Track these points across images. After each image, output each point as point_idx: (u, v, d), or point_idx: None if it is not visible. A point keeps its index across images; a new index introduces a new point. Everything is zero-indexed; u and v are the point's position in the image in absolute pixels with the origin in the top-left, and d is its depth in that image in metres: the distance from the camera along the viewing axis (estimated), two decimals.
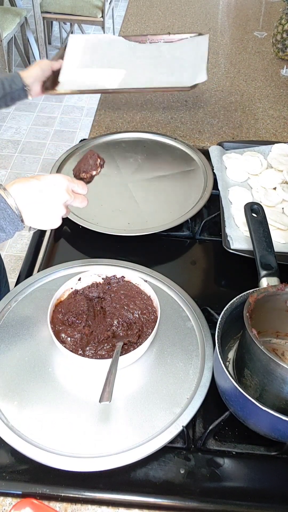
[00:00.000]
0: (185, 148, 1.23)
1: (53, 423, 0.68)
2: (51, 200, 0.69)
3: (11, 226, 0.67)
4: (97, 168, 0.86)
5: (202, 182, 1.11)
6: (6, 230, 0.66)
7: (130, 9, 2.09)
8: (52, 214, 0.70)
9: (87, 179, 0.86)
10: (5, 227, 0.66)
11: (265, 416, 0.61)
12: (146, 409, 0.70)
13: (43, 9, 3.30)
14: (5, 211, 0.65)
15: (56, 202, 0.70)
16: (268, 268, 0.78)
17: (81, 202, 0.75)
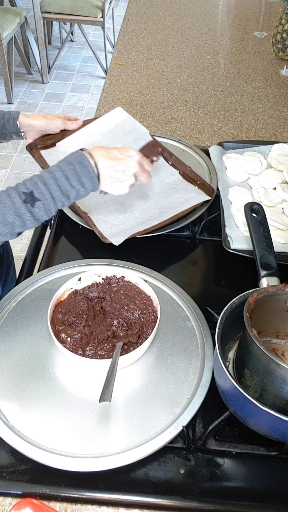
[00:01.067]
0: (188, 149, 1.23)
1: (53, 423, 0.68)
2: (125, 168, 0.80)
3: (90, 184, 0.78)
4: (157, 155, 0.99)
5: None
6: (85, 186, 0.77)
7: (130, 9, 2.09)
8: (123, 180, 0.81)
9: None
10: (85, 183, 0.77)
11: (265, 416, 0.61)
12: (146, 409, 0.70)
13: (43, 9, 3.30)
14: (87, 169, 0.77)
15: (129, 171, 0.81)
16: (268, 268, 0.78)
17: (146, 178, 0.85)
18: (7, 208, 0.71)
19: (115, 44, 1.90)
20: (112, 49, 3.88)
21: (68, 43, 4.16)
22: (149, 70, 1.66)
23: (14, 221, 0.72)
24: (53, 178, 0.74)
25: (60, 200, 0.75)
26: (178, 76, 1.63)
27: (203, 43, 1.84)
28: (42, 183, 0.74)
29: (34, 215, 0.74)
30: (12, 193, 0.72)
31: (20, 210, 0.72)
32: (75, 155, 0.78)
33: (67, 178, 0.75)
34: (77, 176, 0.76)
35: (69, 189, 0.75)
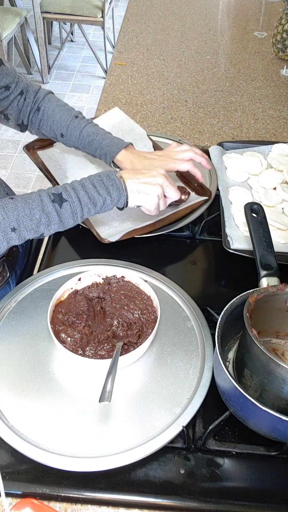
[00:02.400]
0: None
1: (53, 423, 0.68)
2: (150, 180, 0.84)
3: (117, 194, 0.81)
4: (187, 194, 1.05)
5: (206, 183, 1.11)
6: (112, 195, 0.80)
7: (130, 9, 2.09)
8: (150, 192, 0.83)
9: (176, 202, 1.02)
10: (112, 193, 0.80)
11: (265, 416, 0.61)
12: (146, 409, 0.70)
13: (43, 9, 3.30)
14: (114, 181, 0.81)
15: (154, 182, 0.84)
16: (268, 268, 0.78)
17: (174, 192, 0.87)
18: (36, 204, 0.74)
19: (115, 44, 1.90)
20: (112, 49, 3.88)
21: (68, 43, 4.16)
22: (149, 70, 1.66)
23: (41, 218, 0.74)
24: (81, 185, 0.79)
25: (87, 206, 0.78)
26: (178, 76, 1.63)
27: (203, 43, 1.84)
28: (71, 188, 0.78)
29: (60, 216, 0.76)
30: (42, 192, 0.76)
31: (47, 208, 0.75)
32: (105, 172, 0.82)
33: (94, 186, 0.79)
34: (104, 185, 0.80)
35: (96, 196, 0.79)
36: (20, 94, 0.96)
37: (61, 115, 0.98)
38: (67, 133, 0.98)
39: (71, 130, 0.97)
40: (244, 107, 1.49)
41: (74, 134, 0.97)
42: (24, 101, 0.97)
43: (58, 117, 0.97)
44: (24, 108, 0.98)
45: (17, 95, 0.96)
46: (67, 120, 0.97)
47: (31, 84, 0.99)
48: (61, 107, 0.99)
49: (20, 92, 0.96)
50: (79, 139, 0.97)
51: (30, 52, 3.65)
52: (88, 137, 0.96)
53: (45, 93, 0.99)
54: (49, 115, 0.98)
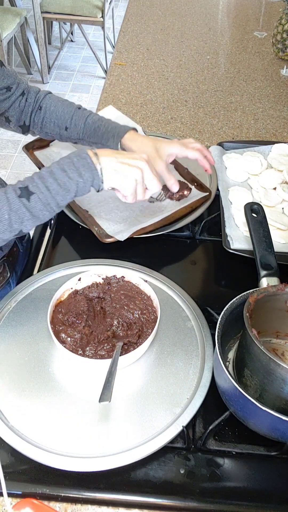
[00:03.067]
0: None
1: (53, 423, 0.68)
2: (130, 161, 0.77)
3: (89, 174, 0.75)
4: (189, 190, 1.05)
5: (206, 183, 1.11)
6: (84, 176, 0.74)
7: (130, 9, 2.09)
8: (128, 175, 0.77)
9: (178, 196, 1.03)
10: (84, 174, 0.74)
11: (265, 416, 0.61)
12: (146, 409, 0.70)
13: (43, 9, 3.30)
14: (85, 160, 0.75)
15: (135, 165, 0.77)
16: (268, 268, 0.78)
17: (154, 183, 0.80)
18: (2, 203, 0.70)
19: (115, 44, 1.90)
20: (112, 49, 3.88)
21: (68, 43, 4.16)
22: (149, 70, 1.66)
23: (10, 217, 0.70)
24: (49, 172, 0.74)
25: (59, 194, 0.73)
26: (178, 76, 1.63)
27: (203, 43, 1.84)
28: (38, 177, 0.73)
29: (31, 210, 0.72)
30: (8, 189, 0.72)
31: (15, 206, 0.70)
32: (76, 151, 0.77)
33: (63, 170, 0.73)
34: (74, 167, 0.74)
35: (66, 181, 0.73)
36: (22, 95, 0.96)
37: (63, 109, 0.97)
38: (71, 125, 0.97)
39: (75, 120, 0.96)
40: (244, 107, 1.49)
41: (79, 124, 0.96)
42: (25, 101, 0.97)
43: (60, 111, 0.97)
44: (26, 109, 0.97)
45: (19, 96, 0.96)
46: (70, 112, 0.97)
47: (31, 86, 0.99)
48: (62, 102, 0.98)
49: (21, 93, 0.96)
50: (85, 128, 0.96)
51: (30, 52, 3.64)
52: (93, 124, 0.95)
53: (46, 92, 0.99)
54: (52, 111, 0.97)
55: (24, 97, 0.96)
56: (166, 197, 1.05)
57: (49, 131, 1.00)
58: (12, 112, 0.97)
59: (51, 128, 0.99)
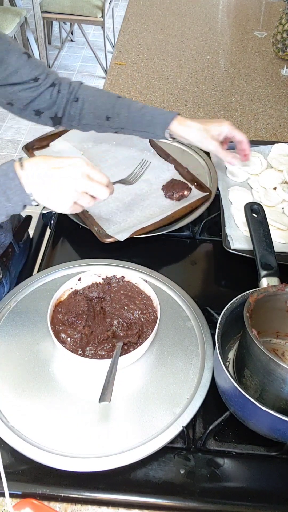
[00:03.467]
0: (188, 149, 1.22)
1: (53, 423, 0.68)
2: (62, 179, 0.67)
3: (18, 197, 0.67)
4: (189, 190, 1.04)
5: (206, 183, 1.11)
6: (12, 200, 0.67)
7: (130, 9, 2.09)
8: (61, 195, 0.68)
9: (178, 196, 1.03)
10: (12, 197, 0.67)
11: (265, 416, 0.61)
12: (146, 409, 0.70)
13: (43, 9, 3.30)
14: (14, 181, 0.66)
15: (68, 183, 0.67)
16: (268, 268, 0.78)
17: (100, 191, 0.69)
18: None
19: (115, 44, 1.90)
20: (112, 49, 3.88)
21: (68, 43, 4.16)
22: (149, 70, 1.65)
23: None
24: None
25: None
26: (178, 76, 1.63)
27: (203, 43, 1.84)
28: None
29: None
30: None
31: None
32: (4, 166, 0.68)
33: None
34: (1, 190, 0.66)
35: None
36: (52, 86, 0.93)
37: (103, 99, 0.94)
38: (113, 114, 0.94)
39: (118, 109, 0.94)
40: (244, 107, 1.49)
41: (122, 113, 0.94)
42: (58, 93, 0.94)
43: (100, 101, 0.94)
44: (59, 100, 0.94)
45: (48, 87, 0.92)
46: (111, 102, 0.94)
47: (62, 77, 0.96)
48: (100, 91, 0.96)
49: (51, 84, 0.92)
50: (129, 116, 0.94)
51: (30, 52, 3.64)
52: (138, 112, 0.93)
53: (79, 83, 0.96)
54: (91, 102, 0.94)
55: (55, 88, 0.93)
56: (166, 196, 1.05)
57: (88, 122, 0.97)
58: (43, 104, 0.94)
59: (90, 119, 0.96)
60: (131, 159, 1.16)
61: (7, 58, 0.86)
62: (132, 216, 1.01)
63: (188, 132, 0.91)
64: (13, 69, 0.87)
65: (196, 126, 0.91)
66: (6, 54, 0.86)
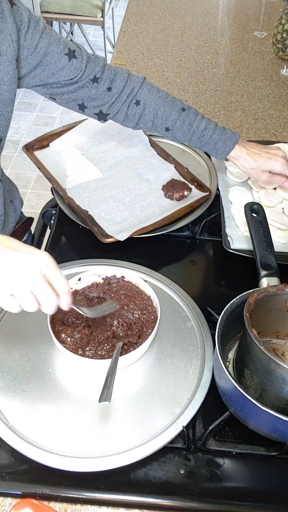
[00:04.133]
0: (188, 149, 1.22)
1: (53, 423, 0.68)
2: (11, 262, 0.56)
3: None
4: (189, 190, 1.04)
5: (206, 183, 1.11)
6: None
7: (130, 9, 2.09)
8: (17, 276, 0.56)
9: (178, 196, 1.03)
10: None
11: (265, 416, 0.61)
12: (146, 409, 0.70)
13: (43, 9, 3.30)
14: None
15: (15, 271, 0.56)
16: (268, 268, 0.78)
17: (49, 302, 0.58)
18: None
19: (115, 44, 1.90)
20: (112, 49, 3.87)
21: None
22: (149, 70, 1.65)
23: None
24: None
25: None
26: (178, 76, 1.63)
27: (203, 43, 1.84)
28: None
29: None
30: None
31: None
32: None
33: None
34: None
35: None
36: (95, 81, 0.89)
37: (165, 109, 0.93)
38: (174, 128, 0.94)
39: (179, 124, 0.94)
40: (244, 107, 1.49)
41: (183, 129, 0.94)
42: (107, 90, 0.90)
43: (162, 111, 0.93)
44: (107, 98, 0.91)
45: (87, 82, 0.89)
46: (174, 115, 0.93)
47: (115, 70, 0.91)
48: (163, 99, 0.93)
49: (93, 79, 0.89)
50: (188, 133, 0.95)
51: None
52: (199, 132, 0.94)
53: (141, 81, 0.93)
54: (153, 110, 0.93)
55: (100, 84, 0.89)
56: (166, 196, 1.05)
57: (145, 127, 0.97)
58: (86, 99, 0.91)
59: (149, 126, 0.96)
60: (131, 159, 1.16)
61: (45, 60, 0.84)
62: (132, 216, 1.01)
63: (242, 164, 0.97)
64: (51, 72, 0.85)
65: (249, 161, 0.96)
66: (44, 57, 0.83)
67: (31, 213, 1.17)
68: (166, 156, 1.15)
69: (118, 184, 1.08)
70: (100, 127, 1.19)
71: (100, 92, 0.91)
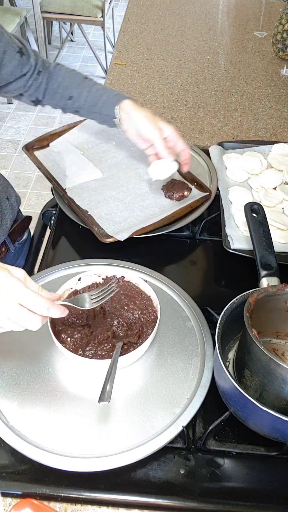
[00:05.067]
0: None
1: (53, 423, 0.68)
2: None
3: None
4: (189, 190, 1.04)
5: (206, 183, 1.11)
6: None
7: (130, 9, 2.09)
8: None
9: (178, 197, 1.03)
10: None
11: (265, 416, 0.61)
12: (146, 409, 0.70)
13: (43, 9, 3.30)
14: None
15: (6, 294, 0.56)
16: (268, 268, 0.78)
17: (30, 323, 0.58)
18: None
19: (115, 44, 1.90)
20: (112, 49, 3.88)
21: (68, 43, 4.16)
22: (149, 70, 1.65)
23: None
24: None
25: None
26: (178, 76, 1.63)
27: (203, 43, 1.84)
28: None
29: None
30: None
31: None
32: None
33: None
34: None
35: None
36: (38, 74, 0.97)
37: (70, 79, 0.98)
38: (75, 94, 0.97)
39: (81, 89, 0.97)
40: (244, 107, 1.49)
41: (83, 93, 0.97)
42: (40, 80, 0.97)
43: (67, 81, 0.98)
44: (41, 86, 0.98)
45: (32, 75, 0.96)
46: (76, 81, 0.98)
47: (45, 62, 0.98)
48: (70, 72, 0.99)
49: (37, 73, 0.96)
50: (88, 96, 0.97)
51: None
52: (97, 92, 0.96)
53: (55, 65, 1.00)
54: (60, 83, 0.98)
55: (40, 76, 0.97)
56: (166, 196, 1.05)
57: (57, 102, 1.01)
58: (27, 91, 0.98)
59: (58, 99, 1.00)
60: (131, 159, 1.16)
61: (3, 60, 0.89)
62: (132, 216, 1.01)
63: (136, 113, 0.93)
64: (8, 71, 0.91)
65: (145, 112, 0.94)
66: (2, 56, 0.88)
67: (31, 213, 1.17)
68: None
69: (118, 184, 1.08)
70: (100, 127, 1.19)
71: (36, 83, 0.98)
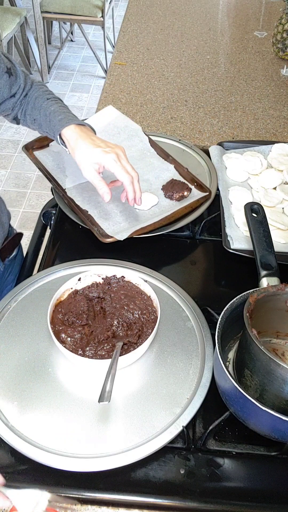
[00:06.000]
0: (188, 149, 1.22)
1: (53, 423, 0.68)
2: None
3: None
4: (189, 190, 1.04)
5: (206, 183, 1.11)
6: None
7: (130, 9, 2.09)
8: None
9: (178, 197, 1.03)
10: None
11: (265, 416, 0.61)
12: (146, 409, 0.70)
13: (43, 8, 3.30)
14: None
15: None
16: (268, 268, 0.78)
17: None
18: None
19: (115, 44, 1.90)
20: (112, 49, 3.88)
21: (68, 43, 4.16)
22: (149, 70, 1.65)
23: None
24: None
25: None
26: (178, 76, 1.63)
27: (203, 43, 1.84)
28: None
29: None
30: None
31: None
32: None
33: None
34: None
35: None
36: (24, 97, 0.96)
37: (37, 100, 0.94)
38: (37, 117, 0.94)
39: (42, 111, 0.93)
40: (244, 106, 1.49)
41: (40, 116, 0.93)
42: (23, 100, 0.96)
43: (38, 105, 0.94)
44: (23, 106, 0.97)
45: (20, 97, 0.95)
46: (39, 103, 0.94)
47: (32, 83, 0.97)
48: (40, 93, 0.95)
49: (25, 95, 0.96)
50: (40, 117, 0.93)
51: (30, 52, 3.64)
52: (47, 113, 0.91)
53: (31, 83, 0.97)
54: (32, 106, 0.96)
55: (26, 98, 0.96)
56: (166, 197, 1.05)
57: (29, 124, 0.99)
58: (12, 112, 0.97)
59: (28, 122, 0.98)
60: (131, 159, 1.16)
61: None
62: (132, 216, 1.01)
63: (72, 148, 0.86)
64: None
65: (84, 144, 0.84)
66: None
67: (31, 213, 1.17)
68: (166, 156, 1.15)
69: None
70: (100, 127, 1.19)
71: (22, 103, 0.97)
